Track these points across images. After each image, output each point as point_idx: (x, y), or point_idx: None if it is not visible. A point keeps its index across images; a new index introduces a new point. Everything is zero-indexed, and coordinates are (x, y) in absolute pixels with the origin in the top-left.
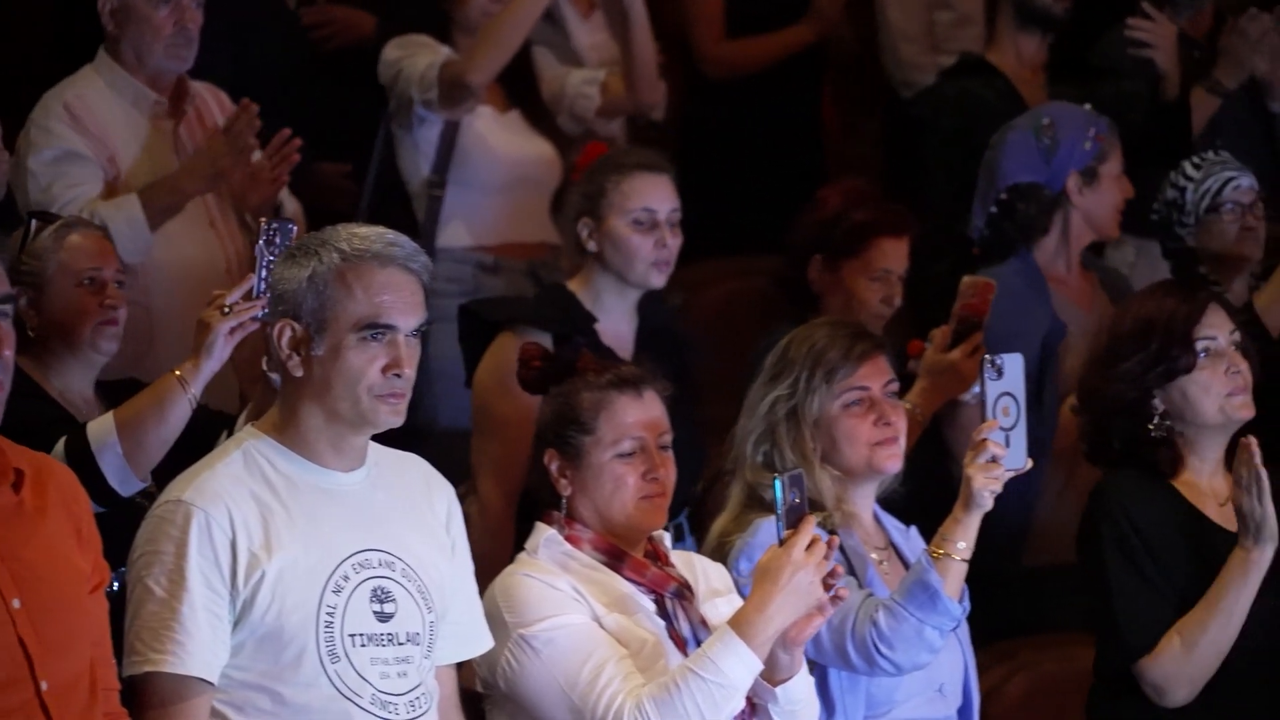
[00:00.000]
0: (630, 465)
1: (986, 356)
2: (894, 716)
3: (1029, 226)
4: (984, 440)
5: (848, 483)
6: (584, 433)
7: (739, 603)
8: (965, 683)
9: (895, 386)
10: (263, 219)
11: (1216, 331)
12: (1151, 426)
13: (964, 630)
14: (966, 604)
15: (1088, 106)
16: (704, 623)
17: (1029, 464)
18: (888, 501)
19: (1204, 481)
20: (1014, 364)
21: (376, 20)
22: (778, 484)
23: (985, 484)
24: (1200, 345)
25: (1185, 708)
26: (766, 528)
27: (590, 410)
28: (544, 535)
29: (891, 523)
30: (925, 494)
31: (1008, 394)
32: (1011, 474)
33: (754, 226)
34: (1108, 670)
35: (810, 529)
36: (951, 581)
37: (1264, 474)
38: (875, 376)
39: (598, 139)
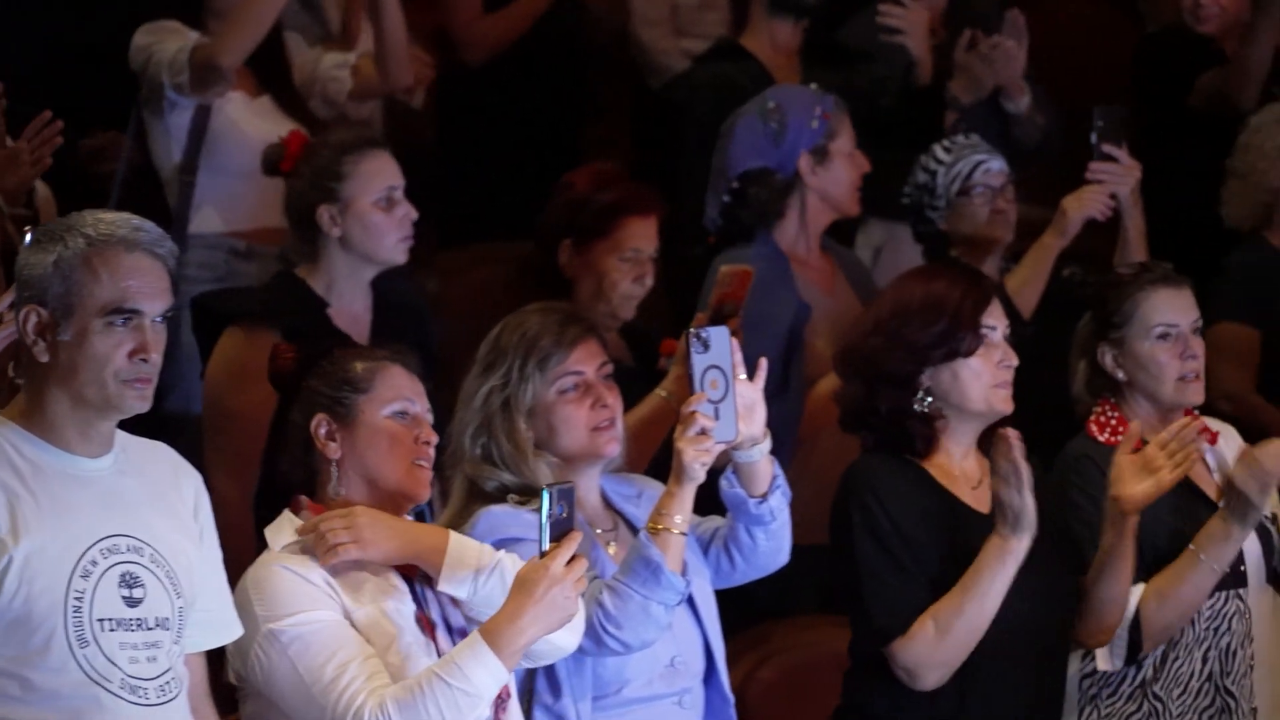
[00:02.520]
0: (405, 426)
1: (691, 330)
2: (625, 695)
3: (764, 211)
4: (693, 413)
5: (568, 469)
6: (358, 391)
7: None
8: (706, 650)
9: (609, 369)
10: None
11: (996, 323)
12: (914, 400)
13: (706, 600)
14: (692, 577)
15: (813, 86)
16: (455, 602)
17: (739, 436)
18: None
19: (955, 465)
20: (720, 337)
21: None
22: (545, 495)
23: (695, 456)
24: (982, 333)
25: (938, 690)
26: (486, 518)
27: (365, 372)
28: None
29: (624, 495)
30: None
31: (715, 367)
32: (722, 446)
33: (510, 212)
34: (861, 653)
35: (573, 545)
36: (673, 555)
37: (1024, 466)
38: (589, 360)
39: (351, 123)
